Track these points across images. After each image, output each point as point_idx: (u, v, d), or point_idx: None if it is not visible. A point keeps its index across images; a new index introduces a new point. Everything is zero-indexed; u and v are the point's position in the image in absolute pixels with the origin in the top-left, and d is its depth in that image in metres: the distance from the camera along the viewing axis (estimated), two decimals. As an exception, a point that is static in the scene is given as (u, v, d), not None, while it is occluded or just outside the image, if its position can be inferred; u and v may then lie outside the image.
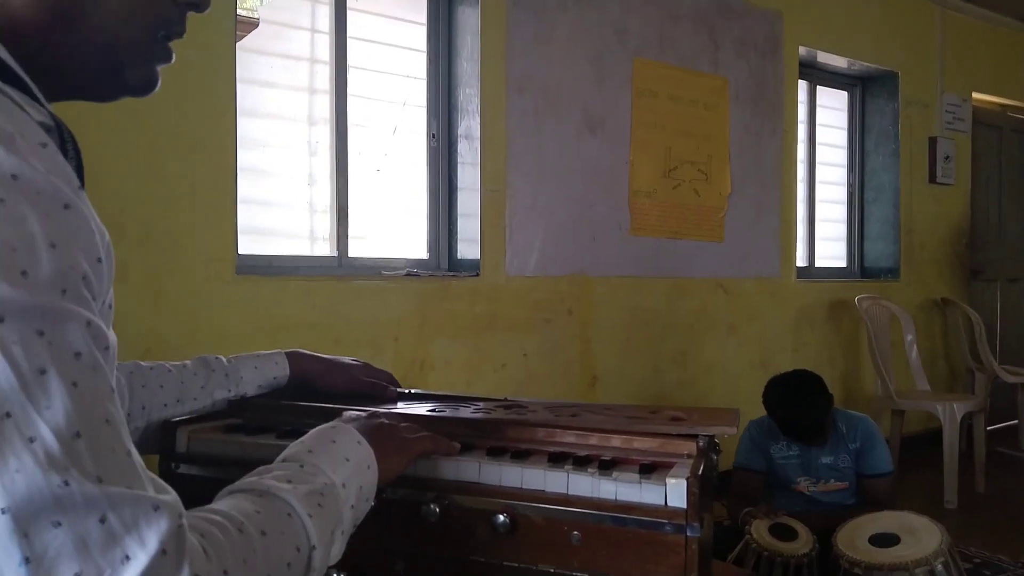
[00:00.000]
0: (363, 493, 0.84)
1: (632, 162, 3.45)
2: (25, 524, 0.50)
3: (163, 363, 1.12)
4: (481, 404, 1.26)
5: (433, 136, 3.08)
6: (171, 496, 0.59)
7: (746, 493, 2.53)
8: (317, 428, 0.87)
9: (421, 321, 2.86)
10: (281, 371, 1.20)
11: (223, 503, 0.70)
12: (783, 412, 2.46)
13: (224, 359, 1.17)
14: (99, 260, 0.60)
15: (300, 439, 0.85)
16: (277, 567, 0.67)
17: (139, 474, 0.57)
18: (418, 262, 3.04)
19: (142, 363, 1.10)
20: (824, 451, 2.50)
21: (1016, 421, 4.86)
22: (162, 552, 0.55)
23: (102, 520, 0.53)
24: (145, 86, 0.76)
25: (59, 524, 0.51)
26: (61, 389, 0.53)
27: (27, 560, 0.50)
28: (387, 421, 0.97)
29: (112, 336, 0.65)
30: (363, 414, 0.99)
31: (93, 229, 0.61)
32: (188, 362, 1.14)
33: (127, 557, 0.53)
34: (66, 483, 0.52)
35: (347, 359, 1.28)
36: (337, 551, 0.78)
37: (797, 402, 2.45)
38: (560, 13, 3.20)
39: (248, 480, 0.75)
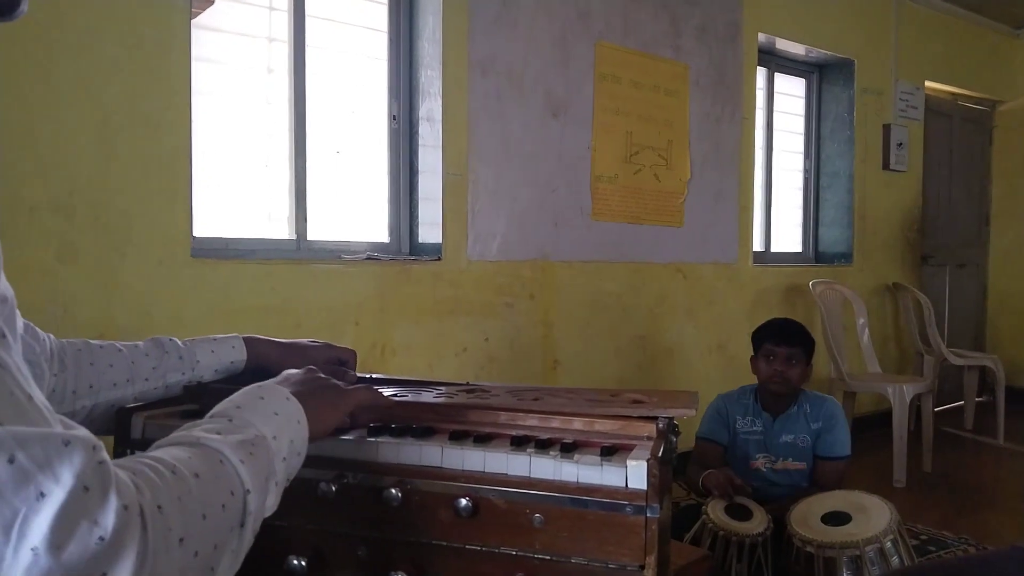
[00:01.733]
0: (294, 447, 0.84)
1: (594, 147, 3.45)
2: None
3: (115, 343, 1.09)
4: (443, 388, 1.26)
5: (394, 118, 3.05)
6: (82, 431, 0.57)
7: (705, 463, 2.58)
8: (246, 387, 0.87)
9: (382, 305, 2.84)
10: (238, 355, 1.18)
11: (154, 453, 0.69)
12: (774, 322, 2.74)
13: (179, 341, 1.14)
14: None
15: (228, 397, 0.84)
16: (212, 508, 0.67)
17: (44, 416, 0.56)
18: (379, 246, 3.02)
19: (92, 341, 1.07)
20: (786, 428, 2.56)
21: (962, 402, 5.03)
22: (83, 488, 0.54)
23: (11, 460, 0.52)
24: (5, 7, 0.68)
25: None
26: None
27: None
28: (323, 376, 0.97)
29: (7, 288, 0.63)
30: (300, 371, 0.99)
31: None
32: (141, 343, 1.11)
33: (42, 494, 0.52)
34: None
35: (306, 341, 1.27)
36: (272, 502, 0.78)
37: (785, 318, 2.85)
38: (522, -5, 3.18)
39: (176, 434, 0.74)
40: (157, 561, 0.58)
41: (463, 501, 0.95)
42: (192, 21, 2.44)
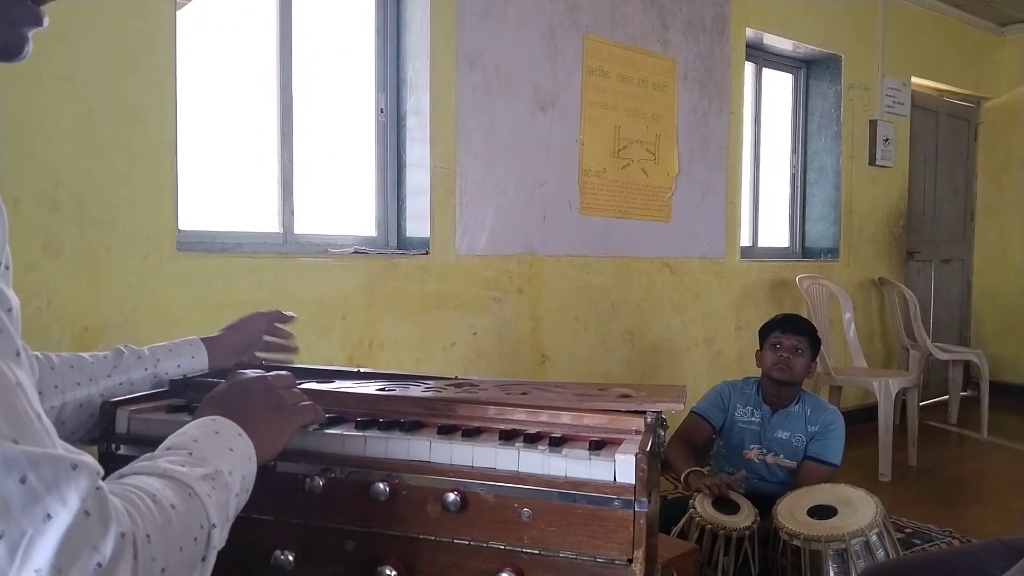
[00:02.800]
0: (244, 483, 0.84)
1: (582, 141, 3.45)
2: None
3: (80, 354, 1.11)
4: (431, 383, 1.26)
5: (381, 111, 3.04)
6: (87, 456, 0.58)
7: (690, 439, 2.59)
8: (197, 420, 0.87)
9: (370, 300, 2.83)
10: (199, 365, 1.21)
11: (130, 480, 0.69)
12: (781, 314, 2.80)
13: (139, 348, 1.17)
14: None
15: (181, 429, 0.84)
16: (187, 541, 0.68)
17: (52, 437, 0.57)
18: (366, 239, 3.01)
19: (52, 354, 1.08)
20: (783, 424, 2.57)
21: (947, 396, 5.07)
22: (84, 513, 0.54)
23: (22, 480, 0.52)
24: (10, 51, 0.68)
25: None
26: None
27: None
28: (274, 394, 0.96)
29: (14, 298, 0.63)
30: (255, 374, 0.99)
31: None
32: (104, 352, 1.14)
33: (48, 516, 0.53)
34: None
35: (237, 322, 1.30)
36: (222, 539, 0.78)
37: (795, 313, 2.94)
38: (511, -11, 3.17)
39: (140, 464, 0.74)
40: None
41: (451, 495, 0.95)
42: (177, 13, 2.42)
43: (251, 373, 0.99)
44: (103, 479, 0.60)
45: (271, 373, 1.00)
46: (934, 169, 5.65)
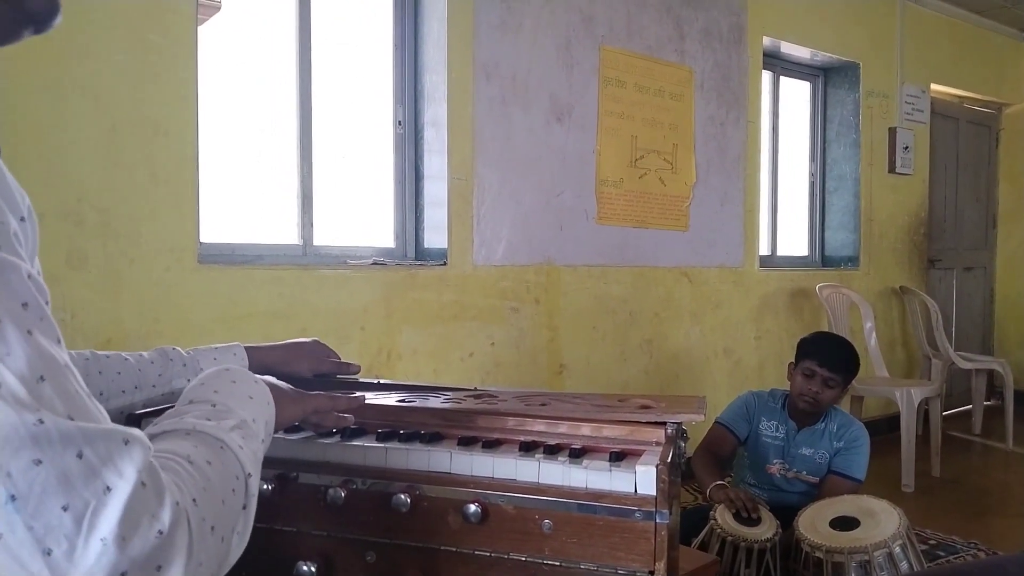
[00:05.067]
0: (267, 429, 0.85)
1: (599, 151, 3.45)
2: (6, 463, 0.51)
3: (120, 352, 1.11)
4: (451, 393, 1.26)
5: (399, 123, 3.06)
6: (137, 431, 0.60)
7: (716, 451, 2.56)
8: (210, 371, 0.88)
9: (388, 310, 2.84)
10: (241, 363, 1.20)
11: (161, 445, 0.70)
12: (824, 341, 2.65)
13: (183, 350, 1.16)
14: (23, 219, 0.60)
15: (197, 380, 0.86)
16: (226, 493, 0.69)
17: (103, 414, 0.59)
18: (385, 251, 3.02)
19: (98, 352, 1.08)
20: (807, 441, 2.53)
21: (971, 406, 5.00)
22: (141, 484, 0.56)
23: (79, 455, 0.54)
24: (48, 11, 0.67)
25: (40, 462, 0.52)
26: (17, 336, 0.54)
27: (13, 498, 0.51)
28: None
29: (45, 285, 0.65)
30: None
31: (14, 189, 0.61)
32: (146, 352, 1.13)
33: (108, 488, 0.55)
34: (40, 421, 0.53)
35: (300, 340, 1.29)
36: (256, 486, 0.79)
37: (838, 336, 2.79)
38: None
39: (167, 423, 0.75)
40: (199, 550, 0.61)
41: (472, 507, 0.95)
42: (198, 28, 2.45)
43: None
44: None
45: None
46: (955, 176, 5.60)
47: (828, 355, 2.51)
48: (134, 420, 1.07)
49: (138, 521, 0.55)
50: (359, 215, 3.02)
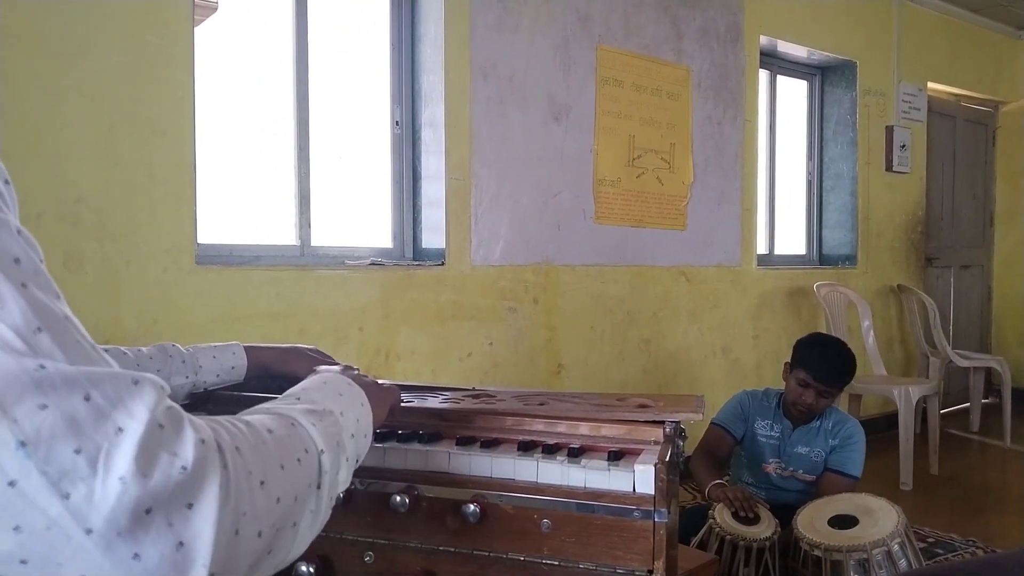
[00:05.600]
0: (360, 426, 0.84)
1: (596, 150, 3.46)
2: (11, 409, 0.51)
3: (119, 347, 1.10)
4: (449, 393, 1.26)
5: (397, 123, 3.05)
6: (148, 374, 0.59)
7: (713, 451, 2.56)
8: (305, 379, 0.88)
9: (386, 311, 2.84)
10: (239, 361, 1.20)
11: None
12: (822, 353, 2.52)
13: (182, 347, 1.16)
14: (7, 181, 0.59)
15: (290, 390, 0.86)
16: (288, 461, 0.68)
17: (111, 360, 0.58)
18: (382, 251, 3.02)
19: (96, 345, 1.07)
20: (803, 440, 2.54)
21: (968, 404, 5.01)
22: (158, 426, 0.55)
23: (87, 398, 0.53)
24: None
25: (45, 407, 0.52)
26: (11, 290, 0.53)
27: (23, 444, 0.51)
28: (363, 374, 0.98)
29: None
30: (339, 367, 1.00)
31: None
32: (145, 348, 1.13)
33: (120, 429, 0.54)
34: (42, 366, 0.52)
35: (299, 345, 1.28)
36: (345, 477, 0.78)
37: (834, 342, 2.64)
38: None
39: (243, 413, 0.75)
40: (241, 499, 0.59)
41: (470, 506, 0.95)
42: (195, 29, 2.45)
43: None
44: None
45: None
46: (952, 174, 5.61)
47: (823, 369, 2.48)
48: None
49: (156, 456, 0.54)
50: (357, 215, 3.02)
